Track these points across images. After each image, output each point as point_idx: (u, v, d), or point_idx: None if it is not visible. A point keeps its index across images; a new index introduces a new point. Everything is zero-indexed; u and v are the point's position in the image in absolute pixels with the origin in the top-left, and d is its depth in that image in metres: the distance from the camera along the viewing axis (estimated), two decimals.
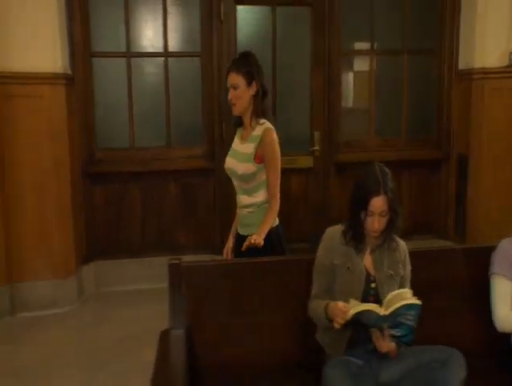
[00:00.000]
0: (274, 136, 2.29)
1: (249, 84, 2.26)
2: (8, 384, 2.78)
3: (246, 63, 2.27)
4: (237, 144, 2.41)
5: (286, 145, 4.27)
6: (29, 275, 3.59)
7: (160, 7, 4.04)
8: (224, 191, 4.11)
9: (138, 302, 3.85)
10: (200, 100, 4.18)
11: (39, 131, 3.53)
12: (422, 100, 4.54)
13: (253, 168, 2.26)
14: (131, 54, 4.05)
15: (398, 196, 1.78)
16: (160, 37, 4.07)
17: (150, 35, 4.11)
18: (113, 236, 4.13)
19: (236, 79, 2.25)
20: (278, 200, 2.34)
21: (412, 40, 4.40)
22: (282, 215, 4.28)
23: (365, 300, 1.75)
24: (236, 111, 2.32)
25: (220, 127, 4.16)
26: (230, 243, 2.52)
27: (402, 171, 4.48)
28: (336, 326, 1.65)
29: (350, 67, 4.51)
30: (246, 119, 2.33)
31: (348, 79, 4.52)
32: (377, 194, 1.72)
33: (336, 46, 4.28)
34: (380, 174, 1.75)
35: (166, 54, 4.09)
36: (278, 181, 2.34)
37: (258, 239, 2.11)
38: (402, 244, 1.89)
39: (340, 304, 1.66)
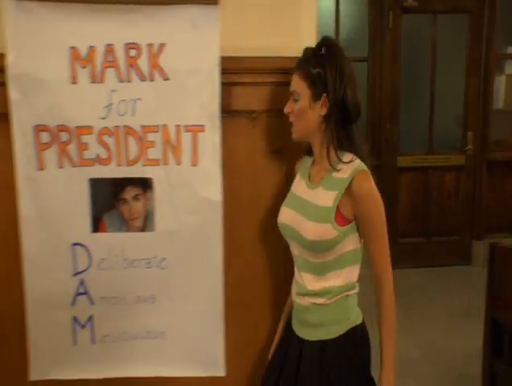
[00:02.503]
0: (373, 183, 1.37)
1: (315, 97, 1.36)
2: None
3: (320, 62, 1.36)
4: (301, 187, 1.47)
5: (441, 144, 4.68)
6: None
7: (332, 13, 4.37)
8: (386, 186, 4.44)
9: None
10: (365, 101, 4.49)
11: None
12: None
13: (333, 233, 1.35)
14: None
15: None
16: None
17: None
18: None
19: (297, 85, 1.39)
20: (393, 288, 1.41)
21: None
22: (434, 209, 4.70)
23: None
24: (293, 134, 1.44)
25: (385, 126, 4.46)
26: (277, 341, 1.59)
27: None
28: None
29: (502, 70, 4.75)
30: (317, 150, 1.43)
31: (500, 81, 4.76)
32: None
33: (492, 50, 4.53)
34: None
35: None
36: (389, 253, 1.40)
37: None
38: None
39: None
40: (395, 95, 4.52)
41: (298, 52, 1.48)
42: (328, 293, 1.39)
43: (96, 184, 1.46)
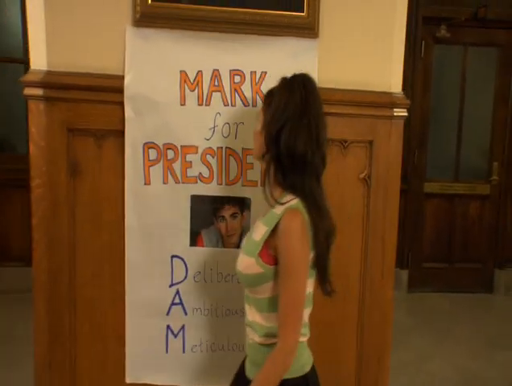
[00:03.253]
0: (299, 224, 1.20)
1: (265, 124, 1.26)
2: None
3: (274, 91, 1.29)
4: (261, 216, 1.36)
5: (467, 172, 4.78)
6: None
7: None
8: (412, 211, 4.54)
9: None
10: None
11: None
12: None
13: (256, 268, 1.24)
14: None
15: None
16: None
17: None
18: None
19: (261, 108, 1.33)
20: (295, 340, 1.22)
21: None
22: (459, 236, 4.79)
23: None
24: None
25: (413, 153, 4.57)
26: None
27: None
28: None
29: None
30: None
31: None
32: None
33: None
34: None
35: None
36: (299, 305, 1.22)
37: None
38: None
39: None
40: (424, 122, 4.63)
41: (386, 88, 1.59)
42: (258, 331, 1.28)
43: (197, 201, 1.55)
